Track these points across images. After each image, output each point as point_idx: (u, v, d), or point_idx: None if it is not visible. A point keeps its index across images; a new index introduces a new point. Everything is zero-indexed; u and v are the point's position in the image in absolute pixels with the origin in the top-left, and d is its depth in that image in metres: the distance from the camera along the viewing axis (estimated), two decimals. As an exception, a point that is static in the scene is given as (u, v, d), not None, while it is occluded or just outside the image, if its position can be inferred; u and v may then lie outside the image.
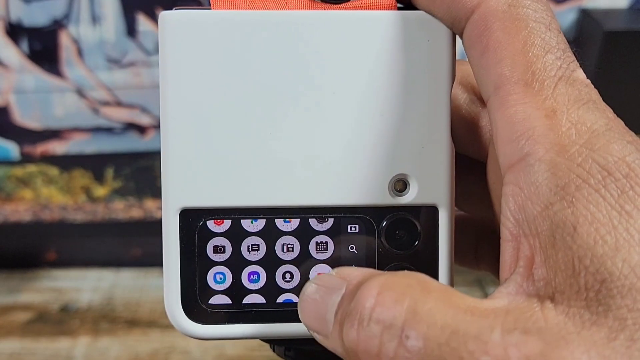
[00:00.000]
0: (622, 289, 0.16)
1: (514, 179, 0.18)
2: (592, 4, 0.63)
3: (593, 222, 0.16)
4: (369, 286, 0.18)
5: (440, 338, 0.17)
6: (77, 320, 0.67)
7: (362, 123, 0.22)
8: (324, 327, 0.19)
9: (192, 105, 0.22)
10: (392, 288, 0.18)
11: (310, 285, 0.20)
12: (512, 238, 0.18)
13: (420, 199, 0.22)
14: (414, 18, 0.22)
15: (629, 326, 0.16)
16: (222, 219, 0.22)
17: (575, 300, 0.16)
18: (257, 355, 0.62)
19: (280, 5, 0.22)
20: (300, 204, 0.22)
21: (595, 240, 0.16)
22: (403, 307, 0.17)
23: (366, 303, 0.18)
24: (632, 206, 0.16)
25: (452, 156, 0.22)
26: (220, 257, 0.22)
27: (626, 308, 0.16)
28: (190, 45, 0.21)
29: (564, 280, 0.17)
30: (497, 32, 0.19)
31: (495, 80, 0.19)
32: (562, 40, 0.19)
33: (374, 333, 0.18)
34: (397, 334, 0.17)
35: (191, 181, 0.22)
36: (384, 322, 0.17)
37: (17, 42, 0.62)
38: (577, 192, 0.17)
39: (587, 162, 0.17)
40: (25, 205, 0.70)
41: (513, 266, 0.18)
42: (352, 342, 0.18)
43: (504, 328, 0.16)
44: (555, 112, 0.18)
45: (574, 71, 0.18)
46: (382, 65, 0.22)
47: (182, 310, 0.22)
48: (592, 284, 0.16)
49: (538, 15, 0.19)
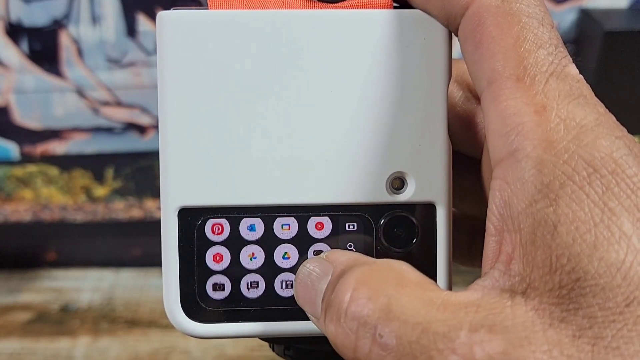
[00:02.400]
0: (596, 287, 0.16)
1: (501, 173, 0.18)
2: (592, 4, 0.63)
3: (574, 221, 0.16)
4: (346, 280, 0.19)
5: (411, 336, 0.17)
6: (77, 320, 0.67)
7: (360, 121, 0.22)
8: (315, 310, 0.20)
9: (191, 104, 0.22)
10: (367, 284, 0.18)
11: (304, 267, 0.21)
12: (496, 232, 0.18)
13: (417, 196, 0.22)
14: (410, 17, 0.22)
15: (598, 324, 0.16)
16: (220, 218, 0.22)
17: (547, 297, 0.16)
18: (257, 355, 0.62)
19: (277, 5, 0.22)
20: (298, 202, 0.22)
21: (574, 239, 0.16)
22: (376, 304, 0.18)
23: (344, 297, 0.18)
24: (616, 203, 0.16)
25: (449, 154, 0.22)
26: (219, 257, 0.22)
27: (597, 306, 0.16)
28: (188, 44, 0.21)
29: (539, 277, 0.17)
30: (490, 27, 0.19)
31: (488, 75, 0.19)
32: (555, 36, 0.19)
33: (351, 329, 0.18)
34: (371, 331, 0.18)
35: (190, 180, 0.22)
36: (359, 319, 0.18)
37: (17, 42, 0.62)
38: (560, 190, 0.17)
39: (573, 159, 0.17)
40: (26, 205, 0.70)
41: (494, 261, 0.18)
42: (332, 335, 0.19)
43: (471, 326, 0.17)
44: (545, 108, 0.18)
45: (565, 66, 0.18)
46: (379, 63, 0.22)
47: (181, 308, 0.22)
48: (566, 282, 0.16)
49: (531, 11, 0.19)
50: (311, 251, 0.22)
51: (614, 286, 0.16)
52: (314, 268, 0.21)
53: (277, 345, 0.25)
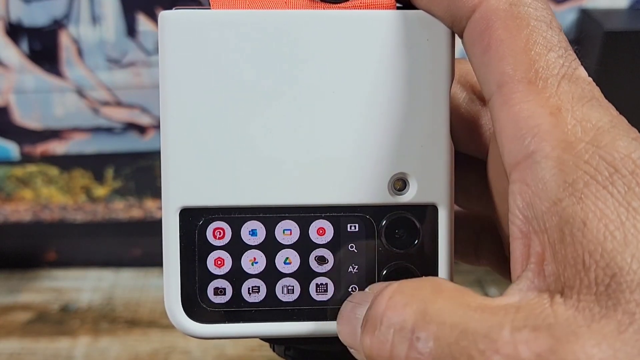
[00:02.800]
0: (632, 283, 0.16)
1: (520, 176, 0.18)
2: (592, 4, 0.63)
3: (602, 218, 0.16)
4: (383, 293, 0.19)
5: (450, 337, 0.17)
6: (77, 320, 0.67)
7: (362, 122, 0.22)
8: (355, 341, 0.20)
9: (192, 104, 0.22)
10: (402, 292, 0.18)
11: (347, 303, 0.21)
12: (522, 235, 0.18)
13: (419, 197, 0.22)
14: (413, 17, 0.22)
15: (638, 320, 0.16)
16: (222, 220, 0.22)
17: (584, 294, 0.16)
18: (257, 355, 0.62)
19: (279, 5, 0.22)
20: (300, 203, 0.22)
21: (604, 236, 0.16)
22: (412, 309, 0.18)
23: (379, 309, 0.18)
24: (638, 203, 0.16)
25: (451, 155, 0.22)
26: (221, 264, 0.22)
27: (635, 302, 0.16)
28: (190, 44, 0.21)
29: (573, 275, 0.17)
30: (498, 30, 0.19)
31: (498, 78, 0.19)
32: (564, 39, 0.19)
33: (386, 337, 0.18)
34: (408, 336, 0.17)
35: (191, 180, 0.22)
36: (395, 325, 0.18)
37: (17, 42, 0.62)
38: (585, 189, 0.17)
39: (594, 159, 0.17)
40: (26, 205, 0.70)
41: (525, 263, 0.18)
42: (368, 349, 0.19)
43: (514, 325, 0.16)
44: (560, 110, 0.18)
45: (576, 69, 0.19)
46: (382, 64, 0.22)
47: (182, 308, 0.22)
48: (602, 279, 0.16)
49: (539, 14, 0.19)
50: (312, 256, 0.22)
51: None
52: (356, 301, 0.21)
53: (277, 346, 0.25)
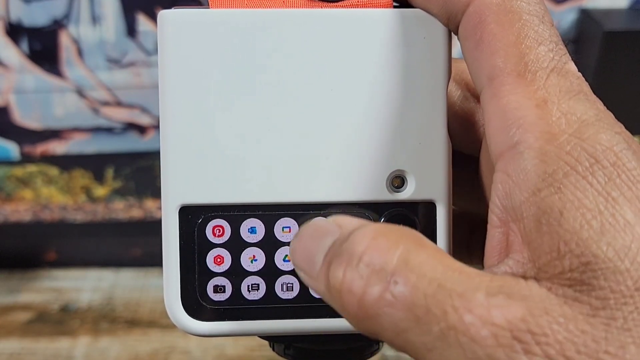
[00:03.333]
0: (606, 271, 0.16)
1: (503, 166, 0.18)
2: (592, 4, 0.63)
3: (580, 207, 0.17)
4: (364, 230, 0.19)
5: (427, 289, 0.17)
6: (77, 320, 0.67)
7: (360, 120, 0.22)
8: (311, 267, 0.20)
9: (191, 103, 0.22)
10: (387, 235, 0.18)
11: (305, 227, 0.20)
12: (501, 224, 0.18)
13: (418, 194, 0.22)
14: (410, 16, 0.22)
15: (610, 305, 0.16)
16: (221, 217, 0.22)
17: (557, 279, 0.17)
18: (257, 355, 0.62)
19: (278, 4, 0.22)
20: (299, 201, 0.22)
21: (581, 225, 0.17)
22: (395, 254, 0.18)
23: (358, 246, 0.18)
24: (618, 193, 0.17)
25: (449, 152, 0.22)
26: (221, 261, 0.22)
27: (609, 289, 0.16)
28: (189, 43, 0.22)
29: (547, 262, 0.17)
30: (491, 24, 0.19)
31: (489, 71, 0.19)
32: (555, 33, 0.19)
33: (361, 274, 0.18)
34: (386, 278, 0.17)
35: (191, 178, 0.22)
36: (374, 265, 0.18)
37: (17, 42, 0.62)
38: (564, 179, 0.17)
39: (576, 150, 0.17)
40: (25, 205, 0.70)
41: (502, 252, 0.18)
42: (337, 281, 0.18)
43: (489, 291, 0.17)
44: (546, 102, 0.18)
45: (566, 63, 0.19)
46: (379, 62, 0.22)
47: (181, 306, 0.22)
48: (577, 266, 0.17)
49: (531, 8, 0.19)
50: None
51: (623, 270, 0.16)
52: (319, 227, 0.20)
53: (277, 345, 0.25)
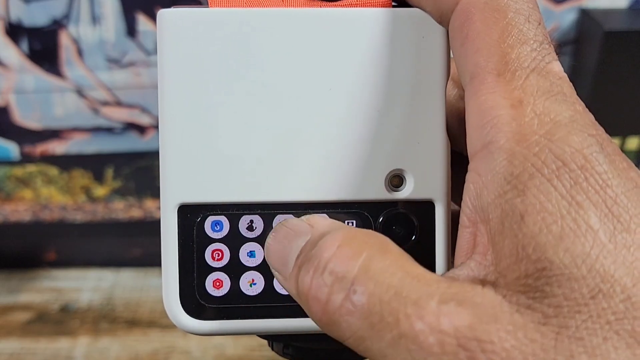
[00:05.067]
0: (561, 277, 0.16)
1: (475, 166, 0.18)
2: (592, 4, 0.63)
3: (541, 211, 0.17)
4: (331, 237, 0.19)
5: (383, 296, 0.17)
6: (77, 320, 0.67)
7: (358, 119, 0.22)
8: (285, 268, 0.20)
9: (190, 102, 0.22)
10: (351, 243, 0.19)
11: (280, 226, 0.21)
12: (470, 224, 0.18)
13: (416, 194, 0.22)
14: (409, 15, 0.22)
15: (563, 313, 0.16)
16: (220, 215, 0.22)
17: (514, 285, 0.17)
18: (256, 355, 0.62)
19: (277, 3, 0.22)
20: (298, 200, 0.22)
21: (540, 229, 0.16)
22: (357, 263, 0.18)
23: (325, 253, 0.19)
24: (583, 197, 0.16)
25: (447, 151, 0.22)
26: (219, 255, 0.22)
27: (563, 296, 0.16)
28: (188, 42, 0.22)
29: (507, 266, 0.17)
30: (477, 22, 0.19)
31: (471, 69, 0.19)
32: (541, 33, 0.19)
33: (326, 282, 0.18)
34: (347, 287, 0.18)
35: (189, 177, 0.22)
36: (337, 273, 0.18)
37: (17, 42, 0.62)
38: (529, 181, 0.17)
39: (544, 152, 0.17)
40: (25, 205, 0.70)
41: (469, 251, 0.18)
42: (305, 287, 0.19)
43: (442, 298, 0.17)
44: (521, 102, 0.18)
45: (548, 63, 0.19)
46: (378, 61, 0.22)
47: (180, 306, 0.22)
48: (532, 271, 0.16)
49: (518, 7, 0.19)
50: None
51: (579, 277, 0.16)
52: (292, 227, 0.21)
53: (276, 344, 0.25)
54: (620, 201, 0.16)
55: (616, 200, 0.16)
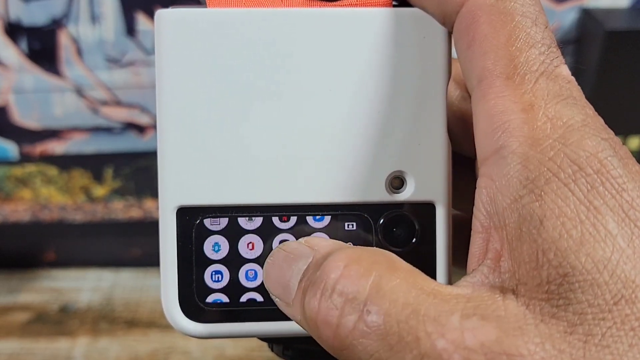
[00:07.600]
0: (584, 283, 0.16)
1: (487, 171, 0.18)
2: (593, 4, 0.63)
3: (560, 216, 0.16)
4: (336, 257, 0.18)
5: (400, 315, 0.17)
6: (77, 320, 0.67)
7: (359, 120, 0.22)
8: (286, 293, 0.20)
9: (188, 103, 0.22)
10: (359, 262, 0.18)
11: (278, 251, 0.20)
12: (483, 230, 0.18)
13: (417, 195, 0.22)
14: (410, 15, 0.22)
15: (588, 321, 0.16)
16: (219, 217, 0.22)
17: (536, 292, 0.16)
18: (256, 356, 0.62)
19: (276, 3, 0.22)
20: (297, 202, 0.22)
21: (560, 234, 0.16)
22: (368, 282, 0.18)
23: (331, 274, 0.18)
24: (601, 202, 0.16)
25: (448, 153, 0.22)
26: (218, 255, 0.22)
27: (587, 303, 0.16)
28: (186, 43, 0.21)
29: (527, 272, 0.17)
30: (483, 25, 0.19)
31: (479, 73, 0.19)
32: (548, 36, 0.19)
33: (335, 305, 0.18)
34: (359, 308, 0.17)
35: (188, 179, 0.22)
36: (347, 294, 0.18)
37: (16, 42, 0.62)
38: (546, 186, 0.17)
39: (559, 156, 0.17)
40: (25, 205, 0.70)
41: (482, 258, 0.18)
42: (313, 312, 0.18)
43: (464, 313, 0.16)
44: (532, 107, 0.18)
45: (557, 67, 0.18)
46: (378, 62, 0.22)
47: (179, 308, 0.22)
48: (554, 277, 0.16)
49: (525, 10, 0.19)
50: None
51: (601, 283, 0.16)
52: (291, 250, 0.20)
53: (276, 346, 0.25)
54: (636, 205, 0.16)
55: (632, 205, 0.16)
